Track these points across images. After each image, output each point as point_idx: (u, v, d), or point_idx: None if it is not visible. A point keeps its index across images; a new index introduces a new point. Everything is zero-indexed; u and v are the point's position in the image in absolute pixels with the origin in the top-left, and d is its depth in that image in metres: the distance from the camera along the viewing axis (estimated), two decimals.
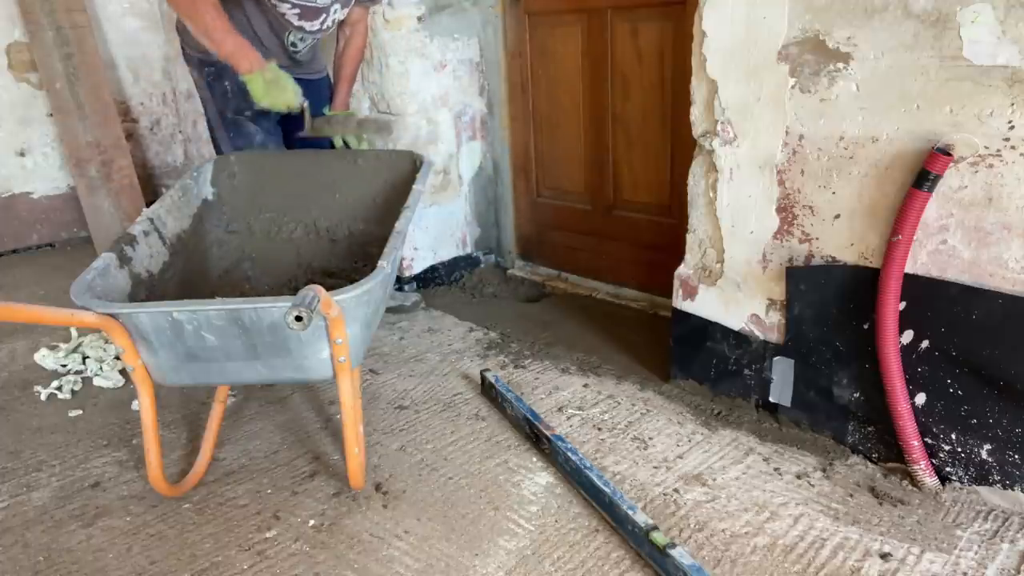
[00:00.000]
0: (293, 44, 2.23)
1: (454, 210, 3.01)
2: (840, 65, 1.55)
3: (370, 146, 2.32)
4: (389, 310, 2.71)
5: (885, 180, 1.55)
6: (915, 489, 1.61)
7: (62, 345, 2.51)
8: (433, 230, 2.95)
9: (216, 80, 2.21)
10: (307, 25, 2.18)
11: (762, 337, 1.87)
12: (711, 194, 1.88)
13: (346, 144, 2.44)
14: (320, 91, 2.45)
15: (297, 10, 2.11)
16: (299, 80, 2.34)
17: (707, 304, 1.97)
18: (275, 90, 2.02)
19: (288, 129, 2.47)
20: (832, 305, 1.69)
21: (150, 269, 1.76)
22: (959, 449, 1.57)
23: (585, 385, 2.15)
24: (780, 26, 1.62)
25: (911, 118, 1.48)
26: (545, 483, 1.71)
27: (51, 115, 3.72)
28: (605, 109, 2.63)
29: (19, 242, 3.83)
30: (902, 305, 1.56)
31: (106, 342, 2.48)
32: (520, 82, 2.89)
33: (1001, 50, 1.34)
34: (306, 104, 2.13)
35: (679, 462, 1.77)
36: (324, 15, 2.19)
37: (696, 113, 1.86)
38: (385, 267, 1.54)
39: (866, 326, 1.63)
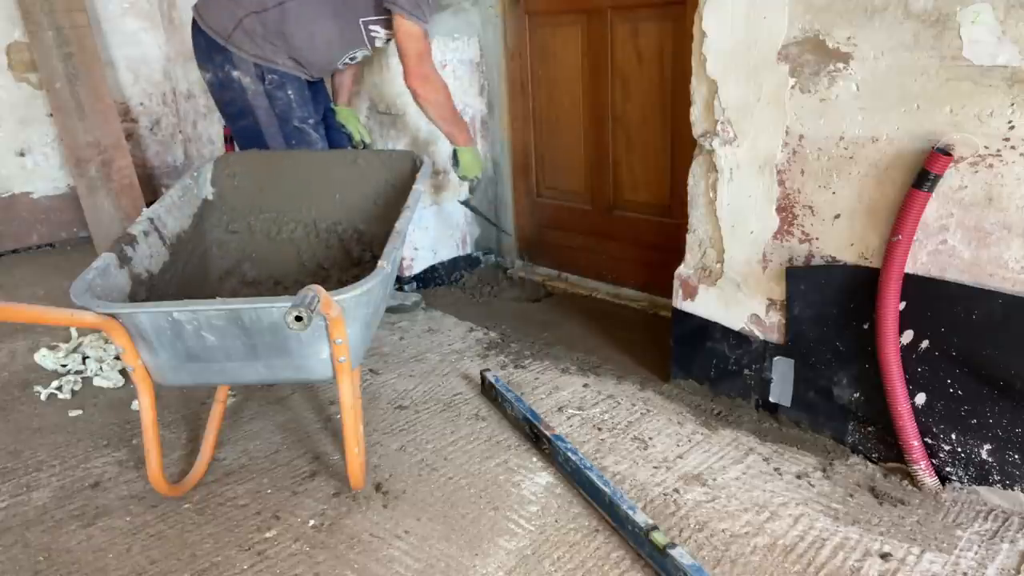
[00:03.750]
0: (343, 64, 2.39)
1: (454, 210, 3.00)
2: (840, 65, 1.55)
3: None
4: (389, 310, 2.71)
5: (885, 180, 1.55)
6: (915, 489, 1.61)
7: (62, 345, 2.51)
8: (433, 230, 2.95)
9: (279, 88, 2.24)
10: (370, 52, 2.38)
11: (762, 337, 1.87)
12: (711, 194, 1.88)
13: (364, 143, 2.52)
14: (324, 90, 2.48)
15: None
16: (310, 82, 2.37)
17: (707, 304, 1.97)
18: (478, 162, 2.55)
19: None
20: (832, 305, 1.69)
21: (150, 269, 1.76)
22: (959, 449, 1.57)
23: (585, 385, 2.15)
24: (780, 26, 1.62)
25: (911, 118, 1.48)
26: (545, 483, 1.71)
27: (51, 115, 3.72)
28: (605, 109, 2.64)
29: (19, 242, 3.83)
30: (902, 305, 1.56)
31: (106, 342, 2.48)
32: (520, 82, 2.89)
33: (1001, 50, 1.34)
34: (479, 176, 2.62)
35: (679, 462, 1.77)
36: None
37: (696, 113, 1.86)
38: (385, 267, 1.54)
39: (866, 326, 1.63)
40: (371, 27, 2.25)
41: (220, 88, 2.28)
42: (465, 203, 2.90)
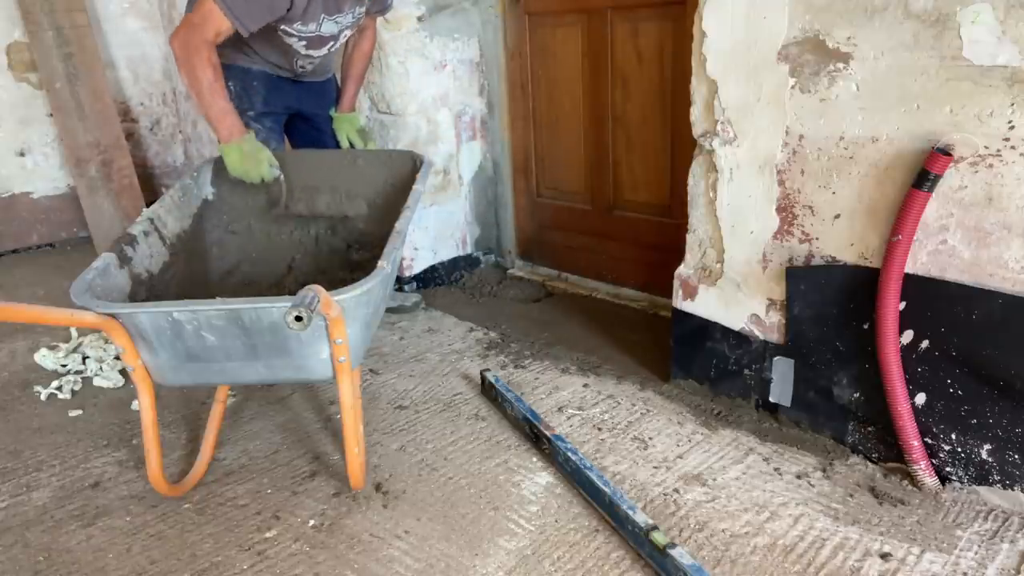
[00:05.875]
0: (301, 67, 2.25)
1: (454, 210, 3.00)
2: (840, 65, 1.55)
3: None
4: (389, 310, 2.71)
5: (885, 180, 1.55)
6: (915, 489, 1.61)
7: (62, 345, 2.51)
8: (433, 230, 2.95)
9: (226, 80, 2.20)
10: (314, 53, 2.19)
11: (762, 337, 1.87)
12: (711, 194, 1.88)
13: (352, 145, 2.45)
14: (326, 93, 2.45)
15: (304, 41, 2.12)
16: (303, 84, 2.34)
17: (707, 304, 1.97)
18: (250, 161, 1.99)
19: (298, 129, 2.47)
20: (832, 305, 1.69)
21: (150, 269, 1.76)
22: (959, 449, 1.57)
23: (585, 385, 2.15)
24: (780, 26, 1.62)
25: (911, 118, 1.48)
26: (545, 483, 1.71)
27: (51, 115, 3.72)
28: (605, 109, 2.64)
29: (19, 242, 3.83)
30: (902, 305, 1.56)
31: (106, 342, 2.48)
32: (520, 82, 2.89)
33: (1001, 50, 1.34)
34: (282, 177, 2.08)
35: (679, 462, 1.77)
36: (332, 42, 2.20)
37: (696, 113, 1.86)
38: (385, 267, 1.54)
39: (866, 326, 1.63)
40: None
41: None
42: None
